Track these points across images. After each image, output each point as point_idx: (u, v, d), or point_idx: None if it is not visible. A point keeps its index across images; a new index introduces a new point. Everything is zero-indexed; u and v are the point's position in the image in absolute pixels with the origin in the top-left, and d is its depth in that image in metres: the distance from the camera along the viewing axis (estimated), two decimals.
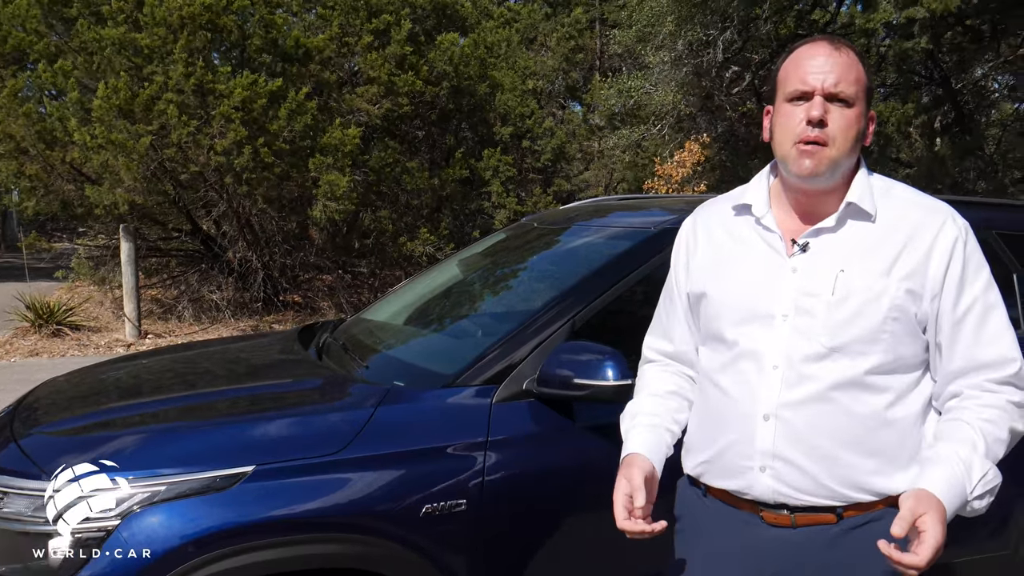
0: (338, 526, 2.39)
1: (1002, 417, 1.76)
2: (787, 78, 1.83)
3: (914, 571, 1.57)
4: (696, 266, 1.98)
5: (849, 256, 1.79)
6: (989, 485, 1.70)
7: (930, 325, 1.80)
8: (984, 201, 3.98)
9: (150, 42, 10.13)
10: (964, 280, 1.78)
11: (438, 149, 13.62)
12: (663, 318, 2.10)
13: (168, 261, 12.83)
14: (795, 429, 1.77)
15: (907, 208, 1.84)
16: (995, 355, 1.79)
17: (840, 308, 1.76)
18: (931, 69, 14.73)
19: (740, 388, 1.83)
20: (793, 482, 1.78)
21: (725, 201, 2.02)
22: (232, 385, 3.17)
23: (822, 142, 1.77)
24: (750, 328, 1.83)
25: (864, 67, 1.82)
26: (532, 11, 20.12)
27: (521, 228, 4.10)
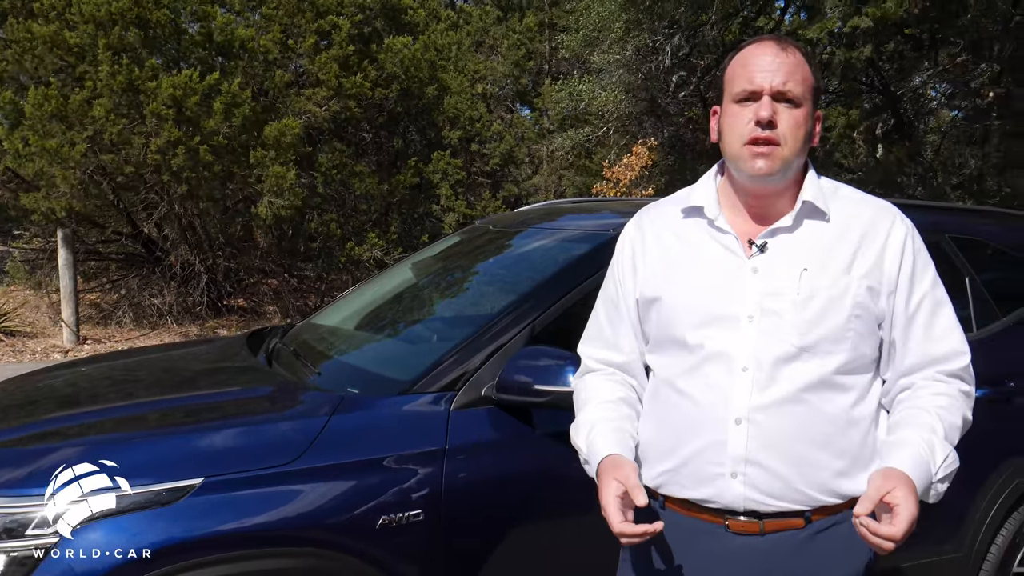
0: (291, 540, 2.30)
1: (954, 404, 1.79)
2: (734, 78, 1.82)
3: (891, 544, 1.56)
4: (646, 271, 1.93)
5: (810, 255, 1.79)
6: (950, 468, 1.71)
7: (885, 322, 1.82)
8: (936, 206, 4.04)
9: (80, 40, 9.85)
10: (914, 276, 1.82)
11: (386, 152, 13.50)
12: (605, 328, 2.02)
13: (108, 265, 12.52)
14: (768, 432, 1.74)
15: (857, 207, 1.86)
16: (946, 349, 1.82)
17: (807, 307, 1.75)
18: (873, 77, 15.02)
19: (708, 393, 1.79)
20: (765, 487, 1.75)
21: (670, 204, 2.00)
22: (178, 394, 3.06)
23: (773, 142, 1.76)
24: (713, 331, 1.79)
25: (811, 67, 1.82)
26: (483, 14, 20.08)
27: (475, 231, 4.05)
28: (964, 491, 3.13)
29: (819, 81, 1.85)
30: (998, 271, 3.58)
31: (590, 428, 1.90)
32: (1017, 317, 3.42)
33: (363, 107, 11.94)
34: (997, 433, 3.18)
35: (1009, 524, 3.23)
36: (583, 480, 1.93)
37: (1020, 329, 3.39)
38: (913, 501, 1.59)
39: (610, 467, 1.77)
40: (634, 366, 1.99)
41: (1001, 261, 3.59)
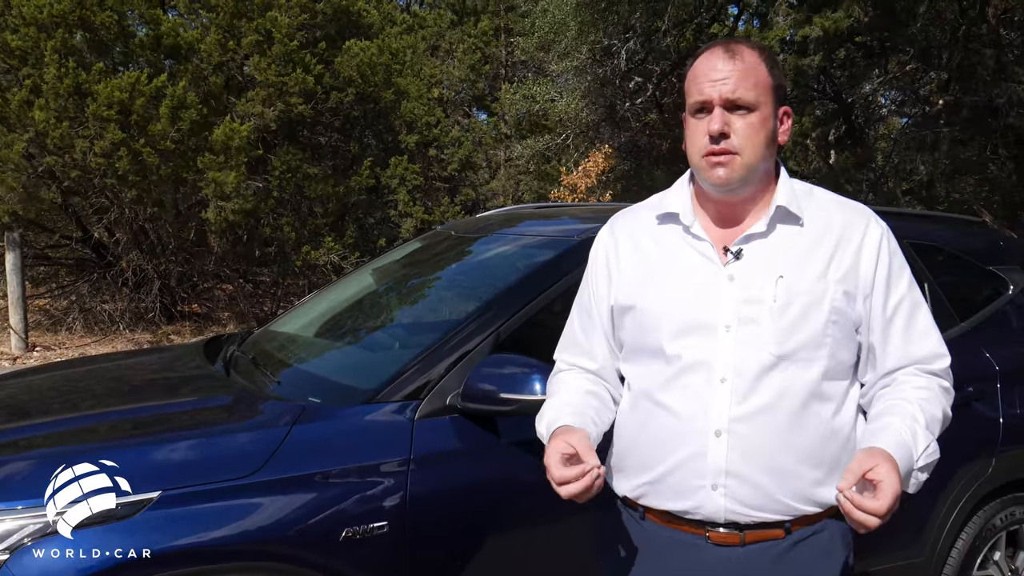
0: (252, 554, 2.25)
1: (936, 398, 1.79)
2: (689, 90, 1.81)
3: (875, 520, 1.53)
4: (622, 278, 1.90)
5: (785, 261, 1.76)
6: (931, 457, 1.70)
7: (863, 326, 1.80)
8: (895, 211, 4.08)
9: (22, 43, 9.64)
10: (891, 279, 1.80)
11: (342, 156, 13.39)
12: (579, 335, 2.00)
13: (57, 270, 12.26)
14: (749, 444, 1.72)
15: (832, 209, 1.84)
16: (926, 351, 1.82)
17: (784, 314, 1.73)
18: (824, 84, 15.23)
19: (687, 404, 1.75)
20: (746, 499, 1.73)
21: (644, 209, 1.97)
22: (132, 403, 2.98)
23: (728, 152, 1.74)
24: (691, 341, 1.76)
25: (768, 66, 1.79)
26: (438, 17, 20.04)
27: (437, 236, 4.02)
28: (925, 496, 3.15)
29: (779, 78, 1.81)
30: (955, 276, 3.63)
31: (555, 413, 1.85)
32: (974, 322, 3.46)
33: (317, 110, 11.82)
34: (956, 437, 3.20)
35: (968, 529, 3.26)
36: (551, 488, 1.90)
37: (977, 334, 3.43)
38: (896, 478, 1.55)
39: (561, 432, 1.73)
40: (607, 372, 1.96)
41: (958, 267, 3.64)
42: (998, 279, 3.65)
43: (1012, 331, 3.56)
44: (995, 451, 3.25)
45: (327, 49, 12.00)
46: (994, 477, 3.27)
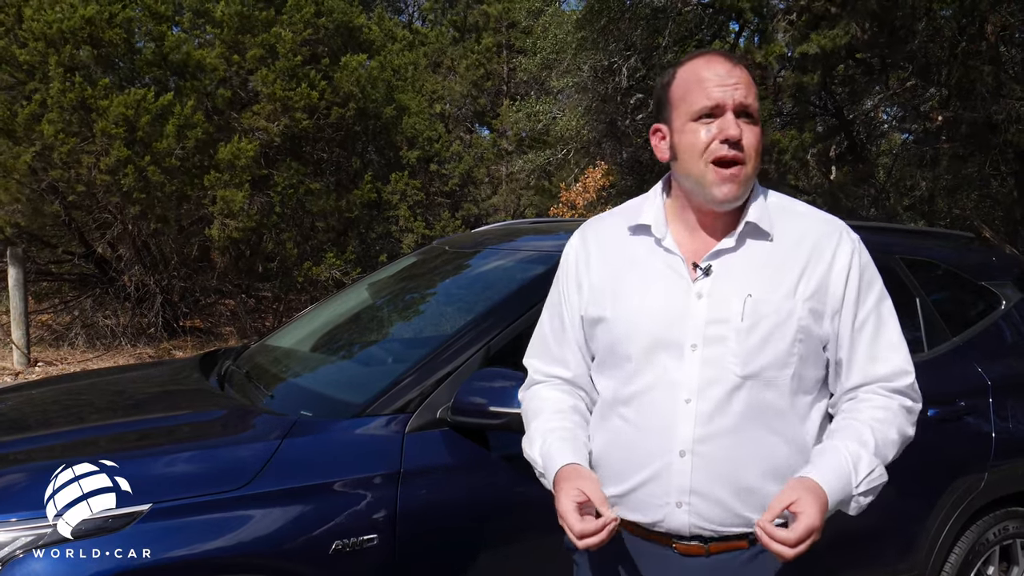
0: (243, 566, 2.26)
1: (893, 419, 1.77)
2: (687, 94, 1.76)
3: (786, 549, 1.56)
4: (591, 289, 1.88)
5: (754, 279, 1.75)
6: (875, 483, 1.70)
7: (831, 343, 1.80)
8: (887, 227, 4.10)
9: (29, 58, 9.71)
10: (860, 295, 1.79)
11: (344, 172, 13.44)
12: (551, 343, 1.98)
13: (60, 285, 12.29)
14: (712, 464, 1.73)
15: (804, 224, 1.82)
16: (890, 369, 1.80)
17: (751, 335, 1.72)
18: (825, 100, 15.26)
19: (652, 423, 1.76)
20: (710, 516, 1.74)
21: (617, 217, 1.95)
22: (127, 417, 2.99)
23: (740, 161, 1.72)
24: (658, 358, 1.76)
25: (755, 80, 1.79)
26: (439, 34, 20.14)
27: (432, 252, 4.03)
28: (918, 510, 3.17)
29: None
30: (948, 291, 3.64)
31: (543, 439, 1.84)
32: (967, 337, 3.47)
33: (319, 126, 11.88)
34: (949, 452, 3.22)
35: (962, 542, 3.27)
36: (540, 502, 1.91)
37: (970, 349, 3.44)
38: (816, 511, 1.58)
39: (571, 475, 1.73)
40: (582, 380, 1.95)
41: (951, 282, 3.65)
42: (991, 294, 3.67)
43: (1005, 346, 3.58)
44: (987, 465, 3.26)
45: (330, 65, 12.08)
46: (987, 491, 3.27)
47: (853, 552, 3.07)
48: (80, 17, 9.72)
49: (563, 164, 16.81)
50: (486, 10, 19.84)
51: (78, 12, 9.73)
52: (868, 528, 3.05)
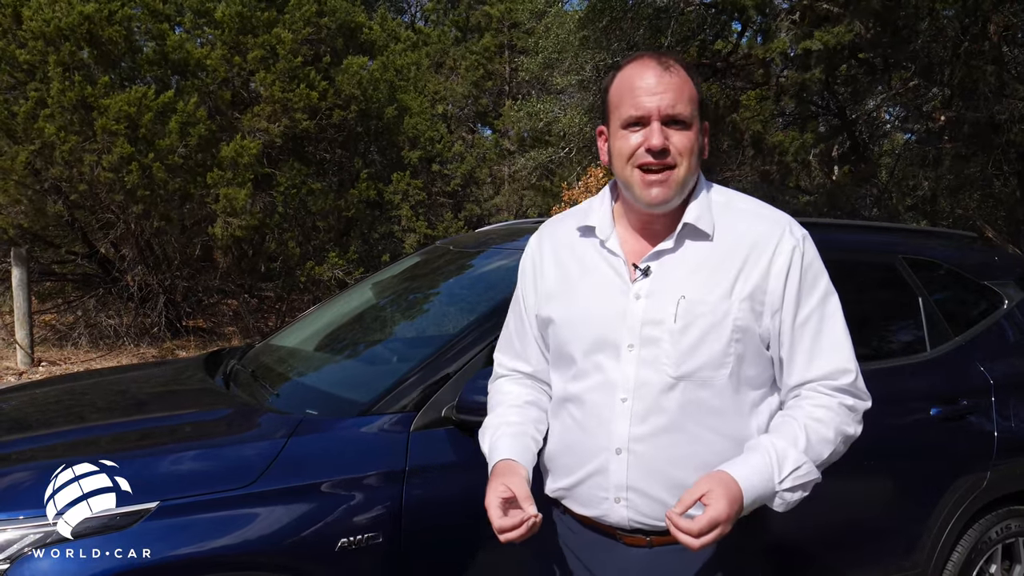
0: (248, 564, 2.28)
1: (831, 418, 1.78)
2: (620, 102, 1.79)
3: (691, 539, 1.59)
4: (544, 289, 1.94)
5: (690, 280, 1.77)
6: (801, 480, 1.71)
7: (773, 341, 1.81)
8: (890, 226, 4.10)
9: (29, 57, 9.72)
10: (802, 292, 1.79)
11: (346, 172, 13.45)
12: (515, 339, 2.05)
13: (63, 285, 12.30)
14: (647, 462, 1.77)
15: (746, 222, 1.83)
16: (831, 367, 1.80)
17: (684, 336, 1.75)
18: (827, 100, 15.26)
19: (591, 421, 1.82)
20: (647, 511, 1.79)
21: (569, 219, 1.99)
22: (133, 416, 3.01)
23: (669, 166, 1.75)
24: (598, 359, 1.80)
25: (695, 82, 1.80)
26: (441, 34, 20.14)
27: (436, 251, 4.05)
28: (921, 509, 3.18)
29: (702, 94, 1.83)
30: (951, 291, 3.65)
31: (494, 431, 1.92)
32: (969, 337, 3.48)
33: (321, 126, 11.89)
34: (952, 451, 3.23)
35: (965, 540, 3.28)
36: (544, 500, 1.95)
37: (972, 348, 3.45)
38: (724, 504, 1.60)
39: (503, 471, 1.79)
40: (543, 374, 2.02)
41: (954, 282, 3.66)
42: (993, 294, 3.68)
43: (1007, 345, 3.59)
44: (989, 464, 3.27)
45: (331, 65, 12.09)
46: (989, 490, 3.29)
47: (856, 551, 3.09)
48: (79, 14, 9.72)
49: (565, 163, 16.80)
50: (488, 11, 19.82)
51: (76, 9, 9.73)
52: (871, 527, 3.06)
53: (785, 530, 2.91)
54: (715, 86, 16.58)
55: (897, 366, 3.33)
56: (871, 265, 3.53)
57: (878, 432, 3.13)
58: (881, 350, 3.48)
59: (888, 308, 3.55)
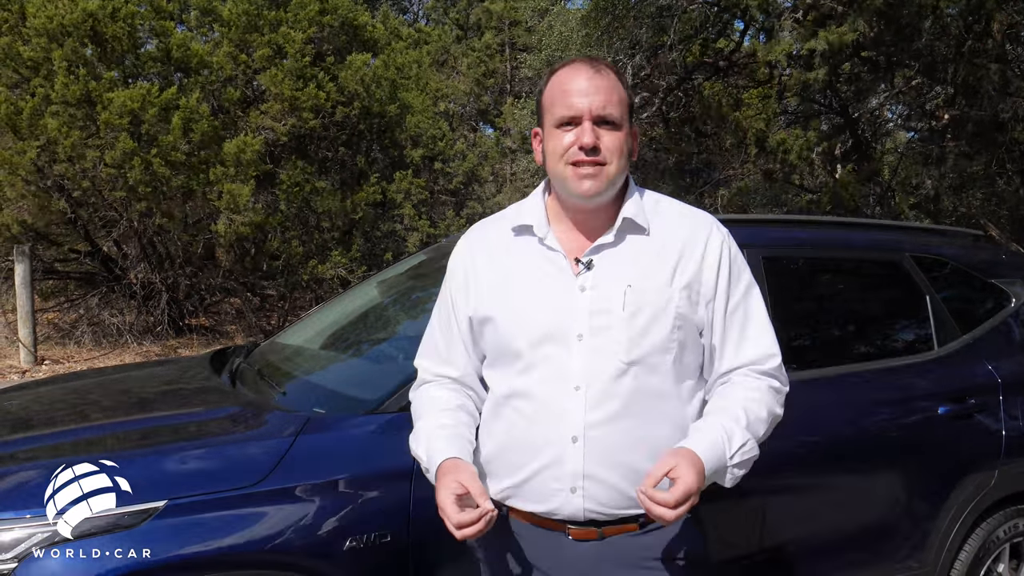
0: (256, 563, 2.28)
1: (763, 399, 1.90)
2: (553, 104, 1.88)
3: (667, 511, 1.65)
4: (478, 290, 1.98)
5: (633, 270, 1.87)
6: (747, 455, 1.82)
7: (706, 329, 1.92)
8: (897, 225, 4.10)
9: (33, 54, 9.72)
10: (730, 284, 1.92)
11: (348, 170, 13.44)
12: (440, 344, 2.08)
13: (66, 283, 12.30)
14: (603, 447, 1.82)
15: (677, 219, 1.95)
16: (759, 352, 1.94)
17: (633, 322, 1.83)
18: (830, 98, 15.24)
19: (544, 412, 1.85)
20: (603, 499, 1.84)
21: (500, 220, 2.05)
22: (139, 415, 3.01)
23: (600, 163, 1.84)
24: (546, 351, 1.85)
25: (624, 85, 1.90)
26: (443, 33, 20.12)
27: (441, 250, 4.03)
28: (928, 507, 3.17)
29: (632, 98, 1.92)
30: (958, 289, 3.64)
31: (428, 436, 1.93)
32: (977, 335, 3.47)
33: (324, 124, 11.88)
34: (959, 449, 3.23)
35: (972, 540, 3.27)
36: None
37: (980, 346, 3.44)
38: (693, 476, 1.69)
39: (450, 469, 1.82)
40: (469, 379, 2.05)
41: (960, 280, 3.65)
42: (1000, 292, 3.67)
43: (1014, 344, 3.58)
44: (997, 463, 3.27)
45: (335, 63, 12.08)
46: (997, 489, 3.28)
47: (864, 550, 3.08)
48: (82, 11, 9.72)
49: None
50: (489, 7, 19.81)
51: (80, 6, 9.73)
52: (878, 526, 3.06)
53: (792, 529, 2.92)
54: (718, 84, 16.58)
55: (905, 364, 3.32)
56: (878, 263, 3.52)
57: (886, 430, 3.15)
58: (889, 349, 3.48)
59: (895, 306, 3.54)
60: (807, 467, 2.95)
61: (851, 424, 3.08)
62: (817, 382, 3.08)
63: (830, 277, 3.57)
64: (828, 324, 3.52)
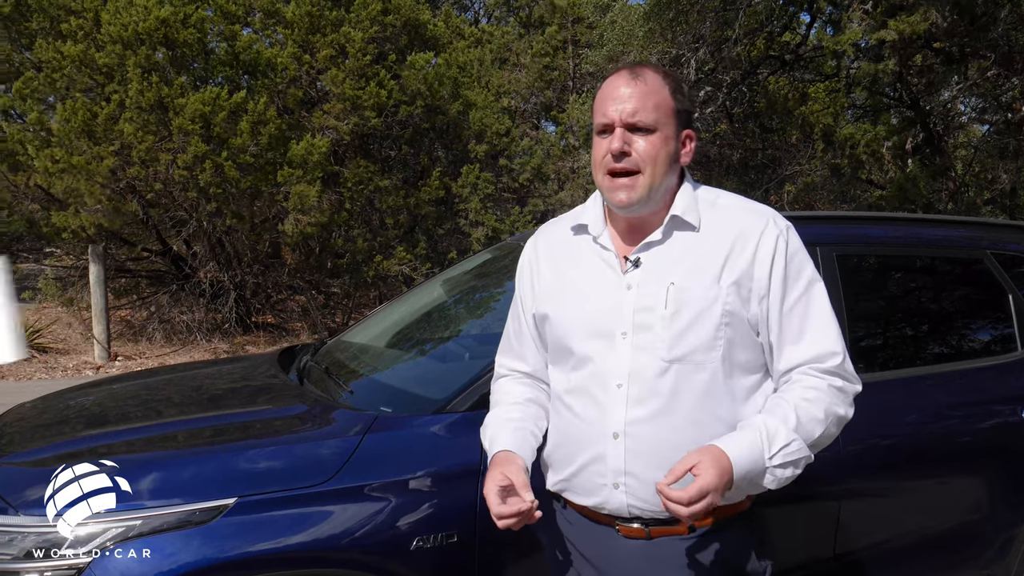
0: (324, 561, 2.28)
1: (821, 398, 1.84)
2: (596, 112, 1.93)
3: (681, 508, 1.65)
4: (540, 288, 2.04)
5: (678, 268, 1.87)
6: (791, 456, 1.77)
7: (762, 326, 1.89)
8: (976, 221, 3.96)
9: (108, 60, 9.97)
10: (788, 278, 1.88)
11: (411, 168, 13.53)
12: (513, 340, 2.15)
13: (138, 282, 12.61)
14: (644, 445, 1.83)
15: (732, 215, 1.93)
16: (819, 350, 1.88)
17: (675, 321, 1.83)
18: (900, 91, 14.89)
19: (588, 409, 1.89)
20: (645, 496, 1.84)
21: (564, 221, 2.10)
22: (209, 412, 3.05)
23: (631, 171, 1.86)
24: (593, 348, 1.89)
25: (671, 90, 1.90)
26: (505, 31, 20.12)
27: (506, 248, 4.02)
28: (1011, 513, 3.07)
29: (684, 102, 1.92)
30: None
31: (494, 428, 2.01)
32: None
33: (387, 123, 11.97)
34: None
35: None
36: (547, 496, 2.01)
37: None
38: (713, 475, 1.67)
39: (501, 461, 1.89)
40: (541, 373, 2.11)
41: None
42: None
43: None
44: None
45: (396, 62, 12.16)
46: None
47: (942, 555, 2.99)
48: (155, 19, 9.95)
49: None
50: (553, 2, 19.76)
51: (153, 14, 9.96)
52: (958, 531, 2.96)
53: (861, 531, 2.84)
54: (783, 79, 16.32)
55: (985, 366, 3.22)
56: (957, 261, 3.41)
57: (966, 433, 3.05)
58: (968, 349, 3.37)
59: (975, 305, 3.43)
60: (886, 470, 2.87)
61: (929, 426, 2.99)
62: (894, 383, 3.00)
63: (907, 275, 3.46)
64: (906, 323, 3.41)
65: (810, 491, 1.85)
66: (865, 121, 16.52)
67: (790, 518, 2.50)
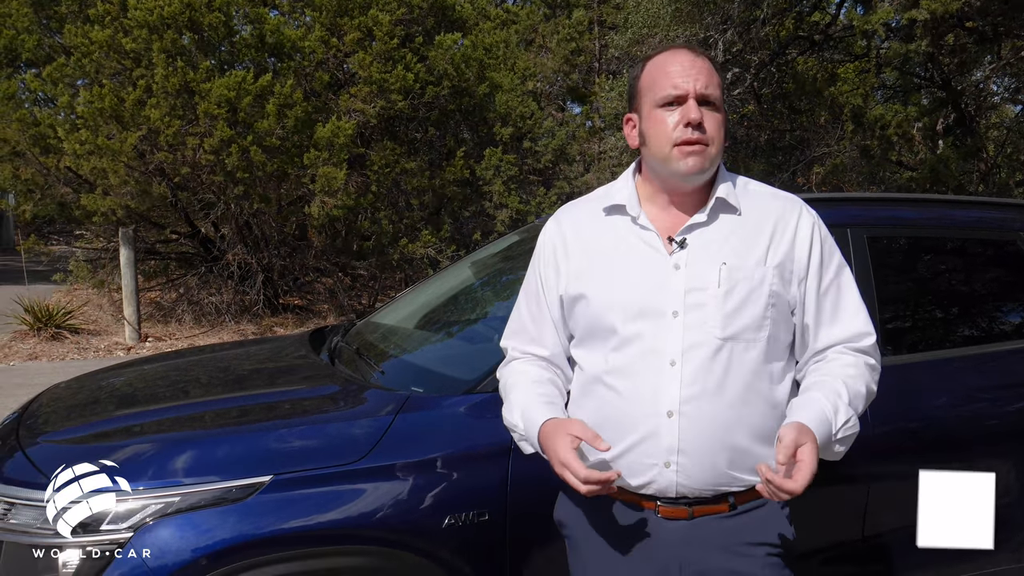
0: (358, 538, 2.32)
1: (862, 375, 1.92)
2: (654, 84, 1.91)
3: (786, 496, 1.68)
4: (570, 269, 2.01)
5: (727, 248, 1.90)
6: (850, 431, 1.84)
7: (798, 308, 1.94)
8: (1008, 202, 3.92)
9: (134, 45, 10.04)
10: (823, 264, 1.95)
11: (437, 151, 13.53)
12: (528, 324, 2.11)
13: (167, 264, 12.74)
14: (698, 423, 1.84)
15: (767, 200, 1.98)
16: (853, 330, 1.95)
17: (728, 299, 1.85)
18: (931, 71, 14.70)
19: (640, 388, 1.87)
20: (696, 475, 1.85)
21: (590, 202, 2.08)
22: (244, 391, 3.09)
23: (703, 142, 1.86)
24: (640, 327, 1.87)
25: (718, 71, 1.94)
26: (531, 12, 20.03)
27: (534, 230, 4.02)
28: None
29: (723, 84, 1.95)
30: None
31: (523, 405, 1.97)
32: None
33: (413, 105, 11.98)
34: None
35: None
36: None
37: None
38: (815, 458, 1.69)
39: (557, 427, 1.84)
40: (558, 359, 2.09)
41: None
42: None
43: None
44: None
45: (423, 44, 12.15)
46: None
47: None
48: (180, 2, 9.99)
49: None
50: None
51: None
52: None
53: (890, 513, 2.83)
54: (812, 59, 16.13)
55: (1017, 348, 3.19)
56: (990, 243, 3.38)
57: (989, 416, 3.03)
58: (1002, 332, 3.34)
59: (1009, 288, 3.40)
60: (917, 452, 2.86)
61: (959, 408, 2.97)
62: (924, 365, 2.98)
63: (938, 257, 3.44)
64: (937, 305, 3.39)
65: (840, 472, 1.85)
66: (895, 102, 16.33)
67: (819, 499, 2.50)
